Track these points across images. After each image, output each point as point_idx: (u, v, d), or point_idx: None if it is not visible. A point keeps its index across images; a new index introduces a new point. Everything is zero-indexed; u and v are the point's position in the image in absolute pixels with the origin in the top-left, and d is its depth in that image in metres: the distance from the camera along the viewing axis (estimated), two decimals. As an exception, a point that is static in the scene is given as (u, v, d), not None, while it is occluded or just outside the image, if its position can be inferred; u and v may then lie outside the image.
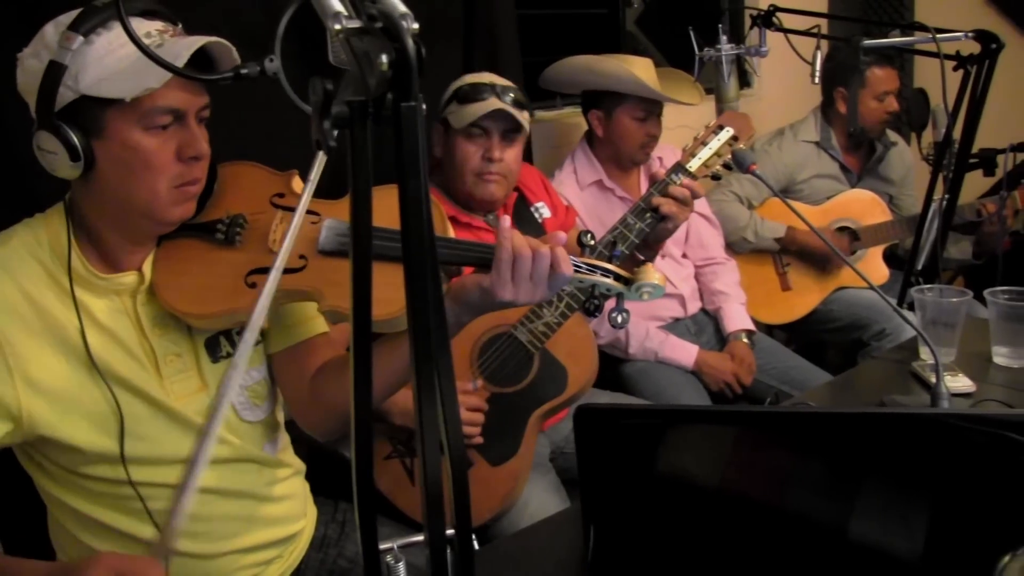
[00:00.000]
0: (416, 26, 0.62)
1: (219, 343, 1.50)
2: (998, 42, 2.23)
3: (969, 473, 1.03)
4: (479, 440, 1.99)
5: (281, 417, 1.65)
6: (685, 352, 2.79)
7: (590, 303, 1.42)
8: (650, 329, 2.80)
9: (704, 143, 1.98)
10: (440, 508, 0.68)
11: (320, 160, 1.06)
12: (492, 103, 2.20)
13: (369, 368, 0.67)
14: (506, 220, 1.42)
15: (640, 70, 2.73)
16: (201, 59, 1.28)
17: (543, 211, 2.48)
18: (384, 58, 0.61)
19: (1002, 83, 2.29)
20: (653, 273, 1.41)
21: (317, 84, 0.64)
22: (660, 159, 2.95)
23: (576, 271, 1.41)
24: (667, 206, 1.94)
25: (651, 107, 2.78)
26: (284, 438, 1.67)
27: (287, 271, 1.38)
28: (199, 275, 1.41)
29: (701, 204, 3.06)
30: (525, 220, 2.42)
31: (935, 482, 1.05)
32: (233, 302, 1.38)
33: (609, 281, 1.42)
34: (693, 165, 1.97)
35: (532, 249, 1.37)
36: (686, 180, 1.96)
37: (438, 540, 0.69)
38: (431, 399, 0.65)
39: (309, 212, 1.44)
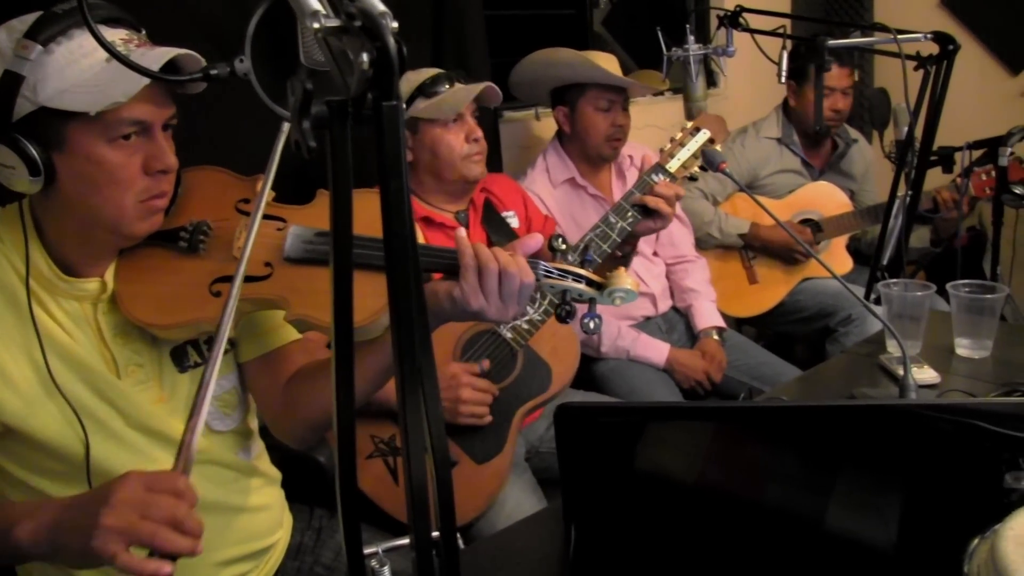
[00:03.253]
0: (396, 25, 0.61)
1: (186, 353, 1.44)
2: (955, 43, 2.25)
3: (937, 461, 1.04)
4: (488, 419, 1.98)
5: (255, 425, 1.60)
6: (657, 351, 2.79)
7: (562, 308, 1.39)
8: (622, 328, 2.79)
9: (682, 144, 1.98)
10: (426, 511, 0.66)
11: (274, 163, 1.05)
12: (467, 89, 2.23)
13: (351, 376, 0.66)
14: (461, 231, 1.40)
15: (599, 60, 2.73)
16: (168, 68, 1.22)
17: (512, 221, 2.47)
18: (365, 57, 0.60)
19: (956, 84, 2.31)
20: (626, 278, 1.39)
21: (296, 84, 0.62)
22: (631, 157, 2.95)
23: (547, 276, 1.39)
24: (655, 202, 1.93)
25: (614, 96, 2.77)
26: (258, 446, 1.62)
27: (252, 279, 1.33)
28: (162, 284, 1.35)
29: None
30: (495, 224, 2.40)
31: (906, 471, 1.05)
32: (197, 311, 1.32)
33: (581, 286, 1.40)
34: (672, 166, 1.97)
35: (499, 266, 1.35)
36: (666, 181, 1.96)
37: (424, 543, 0.67)
38: (415, 402, 0.64)
39: (274, 219, 1.40)
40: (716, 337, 2.90)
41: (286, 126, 1.18)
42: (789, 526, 1.09)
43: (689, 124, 2.00)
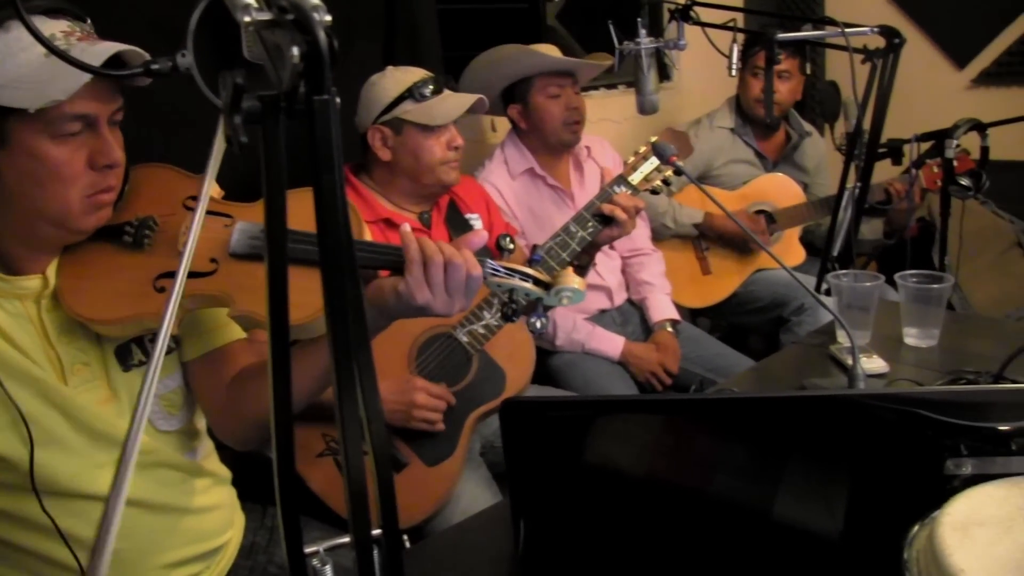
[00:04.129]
0: (328, 18, 0.60)
1: (130, 351, 1.41)
2: (900, 37, 2.28)
3: (882, 450, 1.05)
4: (440, 427, 1.97)
5: (202, 425, 1.57)
6: (611, 344, 2.79)
7: (508, 307, 1.40)
8: (577, 320, 2.80)
9: (645, 158, 1.99)
10: (365, 509, 0.66)
11: (215, 156, 1.03)
12: (455, 98, 2.24)
13: (288, 376, 0.65)
14: (406, 226, 1.40)
15: (541, 49, 2.74)
16: (112, 61, 1.19)
17: (475, 223, 2.46)
18: (295, 51, 0.59)
19: (905, 77, 2.34)
20: (573, 277, 1.40)
21: (227, 78, 0.61)
22: (588, 148, 2.95)
23: (494, 275, 1.39)
24: (618, 211, 1.95)
25: (562, 81, 2.77)
26: (206, 446, 1.58)
27: (196, 275, 1.31)
28: (105, 280, 1.32)
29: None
30: (459, 225, 2.40)
31: (852, 460, 1.06)
32: (140, 307, 1.30)
33: (528, 285, 1.40)
34: (635, 179, 1.98)
35: (445, 257, 1.34)
36: (628, 193, 1.98)
37: (364, 541, 0.66)
38: (351, 399, 0.63)
39: (221, 215, 1.38)
40: (670, 329, 2.91)
41: None
42: (738, 517, 1.09)
43: (653, 139, 2.01)
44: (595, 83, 3.75)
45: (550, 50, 2.75)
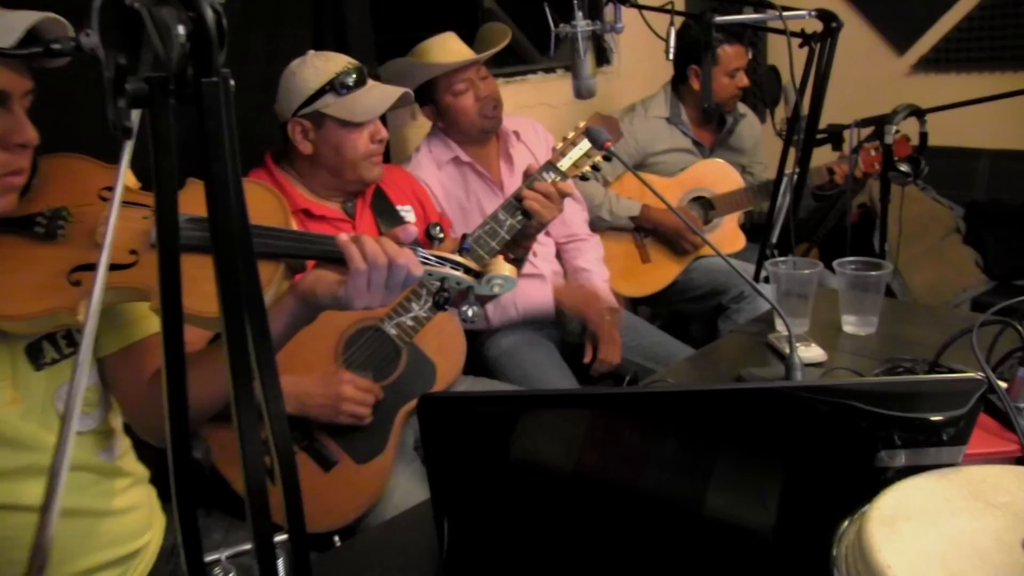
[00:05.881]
0: (219, -5, 0.57)
1: (42, 349, 1.36)
2: (837, 21, 2.29)
3: (816, 443, 1.05)
4: (368, 420, 1.94)
5: (118, 423, 1.53)
6: (542, 295, 2.79)
7: (439, 296, 1.40)
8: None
9: (574, 144, 1.97)
10: (266, 514, 0.64)
11: (128, 146, 1.00)
12: (382, 90, 2.19)
13: (182, 373, 0.62)
14: (342, 236, 1.38)
15: (437, 47, 2.72)
16: (29, 37, 1.14)
17: (408, 216, 2.42)
18: (181, 29, 0.56)
19: (845, 62, 2.36)
20: (503, 265, 1.40)
21: (109, 58, 0.58)
22: (515, 134, 2.93)
23: (424, 263, 1.39)
24: (530, 201, 1.92)
25: (464, 74, 2.75)
26: (122, 444, 1.54)
27: (116, 268, 1.27)
28: (14, 273, 1.27)
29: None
30: (387, 215, 2.35)
31: (785, 454, 1.06)
32: (54, 301, 1.25)
33: (459, 274, 1.40)
34: (564, 165, 1.96)
35: (389, 258, 1.34)
36: (557, 180, 1.95)
37: (265, 548, 0.64)
38: (248, 399, 0.61)
39: (141, 206, 1.34)
40: (608, 318, 2.90)
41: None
42: (668, 513, 1.09)
43: (582, 124, 1.99)
44: (532, 67, 3.75)
45: (444, 43, 2.73)
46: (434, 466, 1.09)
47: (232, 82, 0.59)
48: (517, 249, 2.03)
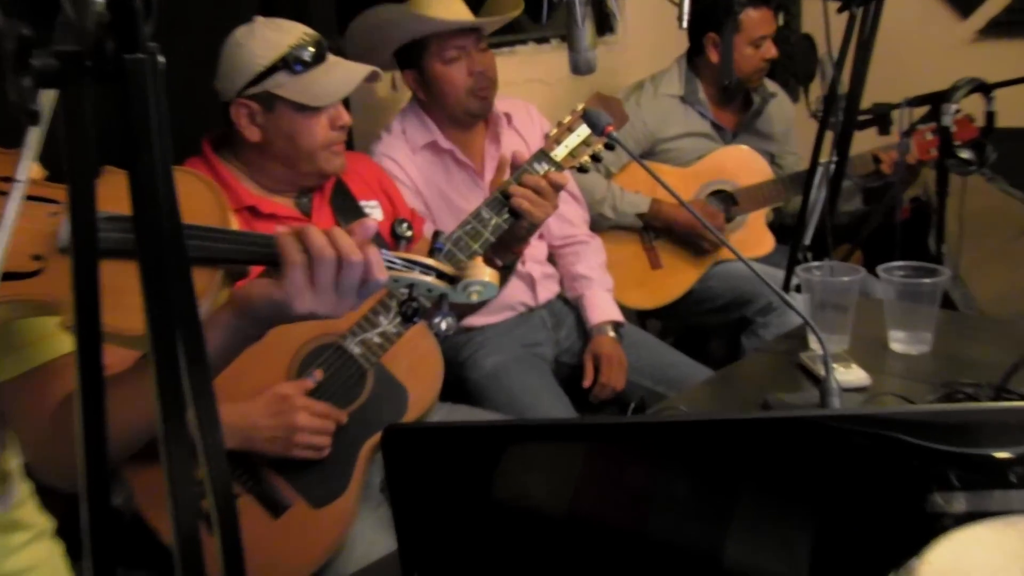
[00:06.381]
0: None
1: None
2: (885, -21, 2.30)
3: (856, 482, 1.05)
4: (326, 453, 1.93)
5: (14, 464, 1.50)
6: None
7: (408, 307, 1.39)
8: None
9: (571, 129, 1.98)
10: (200, 571, 0.64)
11: (36, 131, 1.00)
12: (345, 68, 2.16)
13: (100, 402, 0.63)
14: (281, 228, 1.37)
15: (430, 4, 2.72)
16: None
17: (374, 213, 2.40)
18: (99, -5, 0.57)
19: (894, 29, 2.36)
20: (483, 269, 1.39)
21: (10, 27, 0.59)
22: (507, 116, 2.94)
23: (390, 268, 1.38)
24: (518, 198, 1.92)
25: (461, 41, 2.76)
26: (19, 491, 1.51)
27: (15, 276, 1.26)
28: None
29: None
30: (349, 211, 2.33)
31: (819, 495, 1.06)
32: None
33: (430, 279, 1.39)
34: (559, 154, 1.96)
35: (340, 253, 1.33)
36: (551, 171, 1.95)
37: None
38: (179, 432, 0.61)
39: (47, 201, 1.33)
40: (612, 334, 2.92)
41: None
42: (679, 565, 1.09)
43: (580, 107, 2.00)
44: (522, 37, 3.76)
45: (444, 2, 2.73)
46: (402, 511, 1.09)
47: (162, 58, 0.59)
48: (506, 254, 2.03)
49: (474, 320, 2.85)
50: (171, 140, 0.63)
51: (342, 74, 2.16)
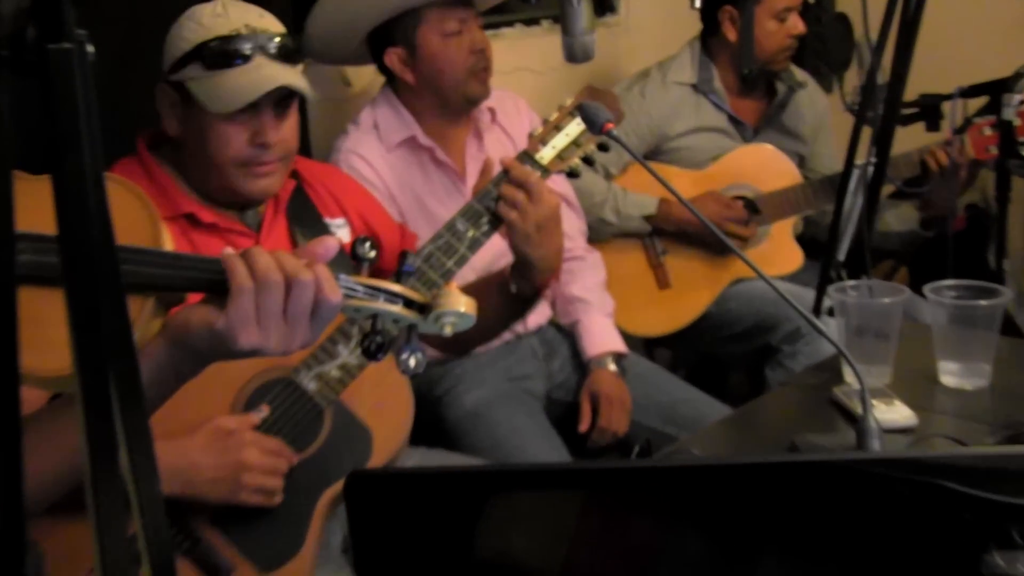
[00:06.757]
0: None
1: None
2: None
3: (900, 539, 1.06)
4: (279, 500, 1.92)
5: None
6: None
7: (370, 340, 1.38)
8: None
9: (558, 128, 1.99)
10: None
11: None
12: (264, 74, 2.05)
13: (17, 453, 0.64)
14: (228, 249, 1.37)
15: None
16: None
17: (340, 232, 2.34)
18: (17, -24, 0.58)
19: (944, 7, 2.36)
20: (459, 296, 1.38)
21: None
22: (491, 111, 2.95)
23: (349, 296, 1.38)
24: (512, 214, 1.94)
25: (461, 13, 2.76)
26: None
27: None
28: None
29: (555, 181, 3.06)
30: (310, 226, 2.28)
31: (855, 554, 1.07)
32: None
33: (396, 309, 1.39)
34: (544, 156, 1.97)
35: (286, 275, 1.33)
36: (536, 176, 1.97)
37: None
38: (110, 480, 0.63)
39: None
40: (613, 367, 2.93)
41: None
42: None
43: (568, 101, 2.01)
44: (509, 18, 3.75)
45: None
46: (367, 572, 1.10)
47: (91, 47, 0.60)
48: (522, 282, 2.05)
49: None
50: (102, 142, 0.64)
51: (259, 78, 2.06)
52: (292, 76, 2.09)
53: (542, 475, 1.14)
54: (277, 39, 2.10)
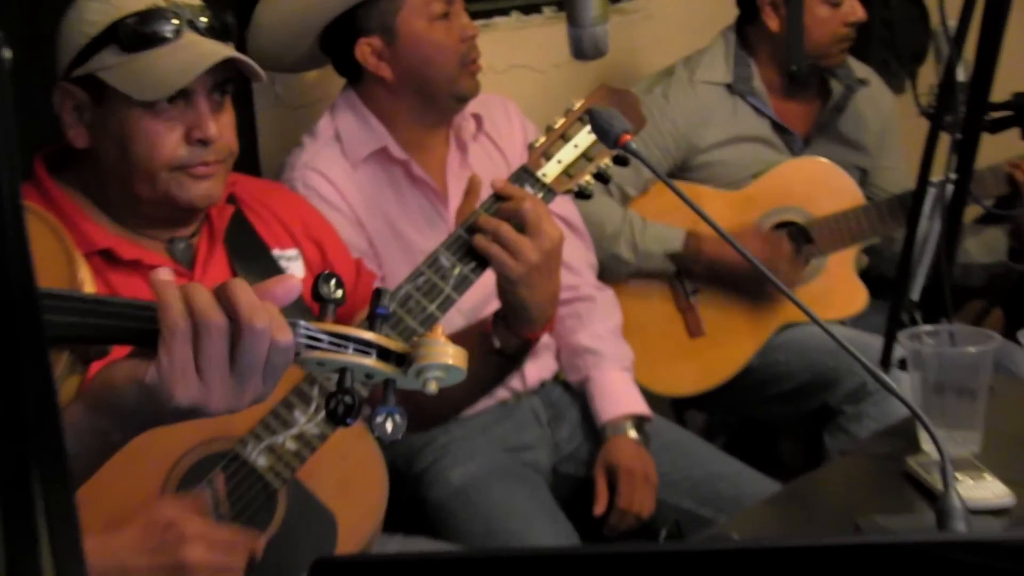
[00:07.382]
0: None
1: None
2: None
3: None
4: None
5: None
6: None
7: (338, 401, 1.34)
8: None
9: (565, 137, 1.99)
10: None
11: None
12: (199, 51, 2.05)
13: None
14: (162, 271, 1.34)
15: None
16: None
17: (292, 267, 2.32)
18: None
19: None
20: (445, 346, 1.36)
21: None
22: (476, 119, 2.96)
23: (312, 346, 1.37)
24: (494, 248, 1.93)
25: None
26: None
27: None
28: None
29: (558, 202, 3.05)
30: (253, 263, 2.25)
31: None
32: None
33: (369, 362, 1.37)
34: (549, 173, 1.98)
35: (237, 315, 1.31)
36: (536, 197, 1.96)
37: None
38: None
39: None
40: (634, 434, 2.93)
41: None
42: None
43: (577, 104, 2.00)
44: (501, 4, 3.76)
45: None
46: None
47: (8, 52, 0.62)
48: (507, 336, 2.05)
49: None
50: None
51: (194, 55, 2.06)
52: (232, 52, 2.08)
53: (545, 561, 1.15)
54: (203, 17, 2.09)
